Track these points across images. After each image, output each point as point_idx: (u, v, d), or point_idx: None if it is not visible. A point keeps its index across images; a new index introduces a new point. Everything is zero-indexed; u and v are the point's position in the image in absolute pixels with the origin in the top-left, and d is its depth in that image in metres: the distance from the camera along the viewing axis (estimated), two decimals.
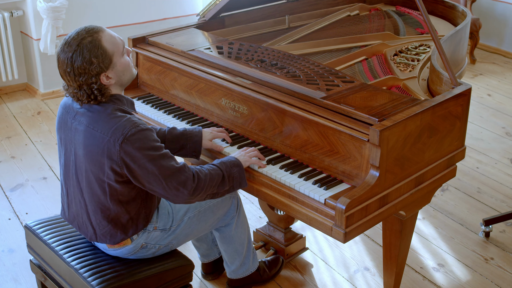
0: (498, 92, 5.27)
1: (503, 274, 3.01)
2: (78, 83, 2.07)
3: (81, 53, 2.03)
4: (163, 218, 2.32)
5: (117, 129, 2.04)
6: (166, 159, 2.09)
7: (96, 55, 2.04)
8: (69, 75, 2.07)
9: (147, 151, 2.05)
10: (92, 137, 2.08)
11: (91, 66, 2.04)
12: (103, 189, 2.13)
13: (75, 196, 2.24)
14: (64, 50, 2.06)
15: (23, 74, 5.29)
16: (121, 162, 2.04)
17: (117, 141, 2.03)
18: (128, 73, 2.17)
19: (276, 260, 2.90)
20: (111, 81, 2.11)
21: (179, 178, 2.10)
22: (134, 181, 2.10)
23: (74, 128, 2.15)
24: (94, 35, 2.06)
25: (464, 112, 2.44)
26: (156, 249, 2.32)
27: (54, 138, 4.41)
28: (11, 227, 3.40)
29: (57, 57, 2.10)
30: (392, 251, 2.53)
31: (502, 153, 4.22)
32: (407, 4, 3.83)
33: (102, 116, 2.08)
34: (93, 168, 2.10)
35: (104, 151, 2.05)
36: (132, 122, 2.06)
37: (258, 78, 2.51)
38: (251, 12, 3.37)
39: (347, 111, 2.21)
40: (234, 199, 2.53)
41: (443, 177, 2.45)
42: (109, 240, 2.23)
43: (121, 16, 5.28)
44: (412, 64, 2.93)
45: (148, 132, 2.08)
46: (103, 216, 2.18)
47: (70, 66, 2.05)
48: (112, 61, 2.09)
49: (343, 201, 2.03)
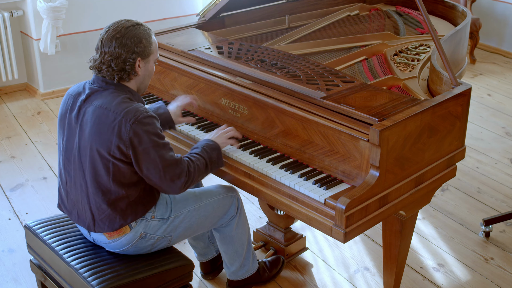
0: (498, 92, 5.27)
1: (503, 274, 3.01)
2: (119, 52, 2.19)
3: (136, 30, 2.22)
4: (161, 207, 2.33)
5: (129, 111, 2.14)
6: (167, 149, 2.20)
7: (146, 40, 2.24)
8: (116, 41, 2.19)
9: (153, 136, 2.15)
10: (103, 115, 2.16)
11: (138, 43, 2.21)
12: (107, 169, 2.17)
13: (76, 180, 2.26)
14: (122, 22, 2.24)
15: (23, 74, 5.29)
16: (128, 142, 2.13)
17: (128, 121, 2.12)
18: (149, 80, 2.34)
19: (277, 260, 2.90)
20: (139, 71, 2.25)
21: (175, 170, 2.19)
22: (135, 164, 2.16)
23: (83, 111, 2.22)
24: (150, 30, 2.29)
25: (464, 112, 2.44)
26: (155, 240, 2.33)
27: (54, 138, 4.41)
28: (11, 227, 3.40)
29: (110, 25, 2.23)
30: (392, 251, 2.53)
31: (502, 153, 4.22)
32: (407, 4, 3.84)
33: (116, 100, 2.18)
34: (99, 145, 2.16)
35: (115, 129, 2.13)
36: (143, 108, 2.19)
37: (258, 78, 2.51)
38: (251, 12, 3.37)
39: (347, 111, 2.21)
40: (234, 198, 2.53)
41: (443, 177, 2.45)
42: (108, 226, 2.24)
43: (121, 16, 5.21)
44: (412, 64, 2.93)
45: (156, 120, 2.20)
46: (103, 198, 2.20)
47: (122, 34, 2.19)
48: (149, 56, 2.27)
49: (343, 201, 2.03)
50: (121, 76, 2.22)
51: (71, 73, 5.20)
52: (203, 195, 2.45)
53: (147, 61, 2.27)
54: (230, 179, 2.45)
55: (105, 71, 2.21)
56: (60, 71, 5.14)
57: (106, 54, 2.20)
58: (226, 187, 2.54)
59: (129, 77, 2.24)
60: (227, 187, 2.55)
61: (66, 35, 5.04)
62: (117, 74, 2.21)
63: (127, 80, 2.25)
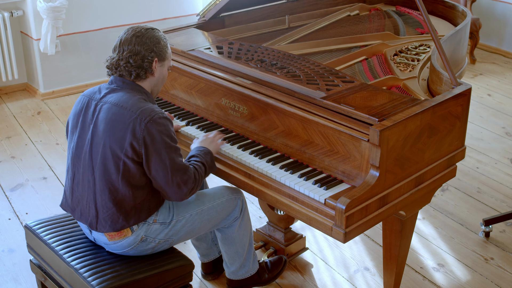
0: (498, 92, 5.27)
1: (503, 274, 3.01)
2: (138, 49, 2.24)
3: (155, 33, 2.30)
4: (163, 211, 2.33)
5: (145, 110, 2.17)
6: (178, 154, 2.22)
7: (164, 43, 2.31)
8: (136, 39, 2.25)
9: (166, 137, 2.18)
10: (118, 112, 2.18)
11: (157, 43, 2.28)
12: (117, 167, 2.18)
13: (84, 176, 2.27)
14: (141, 26, 2.31)
15: (23, 74, 5.29)
16: (142, 141, 2.15)
17: (143, 119, 2.15)
18: (161, 85, 2.38)
19: (279, 261, 2.88)
20: (154, 72, 2.30)
21: (183, 176, 2.20)
22: (145, 163, 2.18)
23: (98, 109, 2.25)
24: (166, 38, 2.36)
25: (464, 112, 2.44)
26: (155, 244, 2.32)
27: (54, 138, 4.41)
28: (11, 227, 3.40)
29: (129, 28, 2.30)
30: (392, 251, 2.53)
31: (502, 153, 4.22)
32: (407, 4, 3.84)
33: (132, 99, 2.22)
34: (112, 142, 2.17)
35: (129, 126, 2.15)
36: (158, 109, 2.22)
37: (258, 78, 2.51)
38: (251, 12, 3.37)
39: (347, 111, 2.21)
40: (239, 200, 2.53)
41: (443, 177, 2.45)
42: (110, 226, 2.24)
43: (121, 16, 5.28)
44: (412, 64, 2.93)
45: (170, 122, 2.24)
46: (110, 196, 2.21)
47: (141, 33, 2.26)
48: (165, 60, 2.34)
49: (343, 201, 2.03)
50: (138, 73, 2.26)
51: (71, 73, 5.20)
52: (206, 198, 2.44)
53: (163, 65, 2.32)
54: (230, 180, 2.45)
55: (122, 67, 2.25)
56: (60, 71, 5.14)
57: (125, 51, 2.25)
58: (230, 188, 2.54)
59: (145, 74, 2.28)
60: (231, 188, 2.54)
61: (66, 35, 5.04)
62: (135, 70, 2.25)
63: (144, 77, 2.28)
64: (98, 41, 5.23)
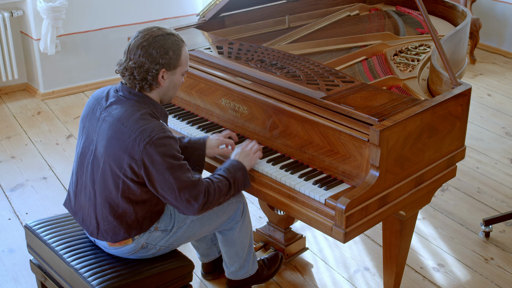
0: (498, 92, 5.27)
1: (503, 274, 3.01)
2: (143, 61, 2.14)
3: (164, 40, 2.16)
4: (164, 219, 2.32)
5: (145, 130, 2.09)
6: (183, 170, 2.13)
7: (173, 52, 2.17)
8: (142, 49, 2.14)
9: (168, 158, 2.09)
10: (119, 131, 2.12)
11: (164, 54, 2.15)
12: (117, 185, 2.15)
13: (86, 186, 2.25)
14: (153, 29, 2.18)
15: (23, 74, 5.28)
16: (141, 162, 2.08)
17: (142, 141, 2.07)
18: (174, 91, 2.28)
19: (275, 257, 2.89)
20: (162, 83, 2.19)
21: (192, 192, 2.14)
22: (149, 184, 2.12)
23: (102, 118, 2.19)
24: (181, 42, 2.22)
25: (464, 112, 2.44)
26: (156, 250, 2.32)
27: (54, 138, 4.41)
28: (11, 227, 3.40)
29: (141, 31, 2.19)
30: (392, 251, 2.53)
31: (502, 153, 4.22)
32: (407, 4, 3.84)
33: (134, 115, 2.13)
34: (111, 161, 2.13)
35: (128, 147, 2.09)
36: (160, 127, 2.12)
37: (258, 78, 2.51)
38: (251, 12, 3.37)
39: (347, 111, 2.21)
40: (240, 203, 2.51)
41: (443, 177, 2.45)
42: (111, 237, 2.23)
43: (121, 16, 5.28)
44: (412, 64, 2.93)
45: (173, 140, 2.13)
46: (110, 211, 2.19)
47: (149, 42, 2.14)
48: (176, 69, 2.21)
49: (343, 201, 2.03)
50: (142, 86, 2.17)
51: (71, 73, 5.20)
52: None
53: (173, 73, 2.21)
54: None
55: (127, 78, 2.18)
56: (60, 71, 5.14)
57: (131, 61, 2.15)
58: None
59: (150, 87, 2.18)
60: None
61: (66, 35, 5.04)
62: (139, 84, 2.17)
63: (148, 90, 2.19)
64: (98, 41, 5.23)
